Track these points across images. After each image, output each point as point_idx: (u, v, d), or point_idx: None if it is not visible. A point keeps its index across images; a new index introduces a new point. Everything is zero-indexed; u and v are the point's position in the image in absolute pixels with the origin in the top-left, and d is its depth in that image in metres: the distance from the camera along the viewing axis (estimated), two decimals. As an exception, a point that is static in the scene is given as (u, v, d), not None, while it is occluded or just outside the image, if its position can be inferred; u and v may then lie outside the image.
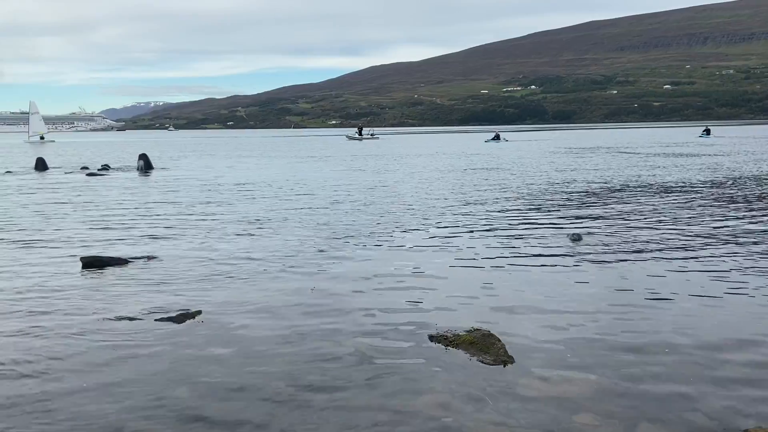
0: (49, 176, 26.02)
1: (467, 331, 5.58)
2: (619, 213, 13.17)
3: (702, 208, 13.75)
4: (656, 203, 14.67)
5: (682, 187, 18.31)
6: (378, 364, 5.07)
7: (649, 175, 22.18)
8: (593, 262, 8.61)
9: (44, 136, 79.88)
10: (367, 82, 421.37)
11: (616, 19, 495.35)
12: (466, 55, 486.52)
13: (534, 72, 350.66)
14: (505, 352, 5.20)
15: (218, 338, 5.70)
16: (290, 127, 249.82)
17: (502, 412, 4.24)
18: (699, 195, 16.18)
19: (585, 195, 16.66)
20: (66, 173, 27.36)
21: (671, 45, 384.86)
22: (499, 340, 5.36)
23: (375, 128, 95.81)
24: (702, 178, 20.67)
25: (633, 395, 4.48)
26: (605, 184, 19.33)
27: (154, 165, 29.70)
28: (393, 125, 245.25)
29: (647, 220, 12.17)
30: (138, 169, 28.10)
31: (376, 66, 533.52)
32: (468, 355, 5.22)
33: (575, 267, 8.34)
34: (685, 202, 14.70)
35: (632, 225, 11.59)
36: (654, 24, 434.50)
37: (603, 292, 7.08)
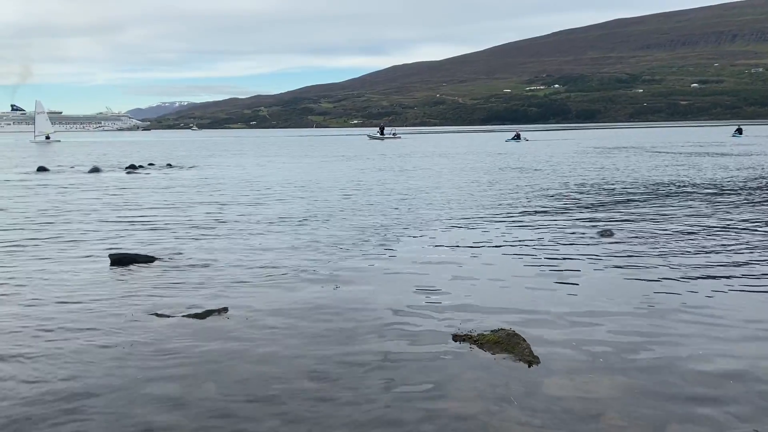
0: (77, 175, 26.47)
1: (492, 331, 5.56)
2: (653, 211, 12.97)
3: (744, 208, 13.45)
4: (693, 203, 14.37)
5: (721, 187, 17.92)
6: (402, 363, 5.07)
7: (685, 175, 21.77)
8: (623, 260, 8.50)
9: (50, 135, 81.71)
10: (389, 81, 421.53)
11: (642, 16, 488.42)
12: (488, 54, 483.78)
13: (558, 71, 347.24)
14: (531, 352, 5.16)
15: (244, 336, 5.75)
16: (312, 127, 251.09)
17: (527, 413, 4.22)
18: (738, 196, 15.81)
19: (619, 194, 16.45)
20: (94, 172, 27.80)
21: (699, 43, 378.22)
22: (524, 340, 5.32)
23: (397, 128, 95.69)
24: (742, 179, 20.15)
25: (661, 396, 4.43)
26: (642, 184, 19.05)
27: (183, 164, 31.94)
28: (414, 125, 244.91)
29: (682, 219, 11.96)
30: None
31: (398, 65, 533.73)
32: (492, 354, 5.19)
33: (604, 265, 8.25)
34: (724, 203, 14.38)
35: (666, 223, 11.41)
36: (681, 21, 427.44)
37: (631, 291, 6.99)
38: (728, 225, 11.31)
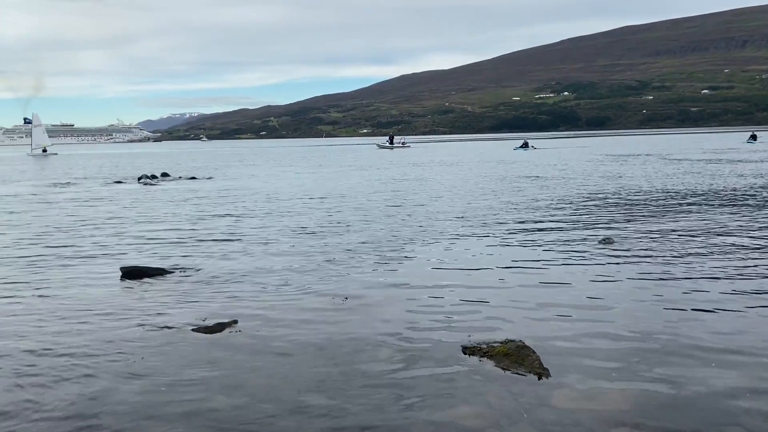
0: (93, 187, 26.73)
1: (501, 343, 5.54)
2: (672, 221, 12.84)
3: (760, 215, 13.30)
4: (719, 213, 14.23)
5: (741, 194, 17.73)
6: (411, 375, 5.07)
7: (710, 184, 21.54)
8: (634, 271, 8.44)
9: (47, 148, 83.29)
10: (398, 90, 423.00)
11: (651, 23, 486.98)
12: (497, 62, 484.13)
13: (567, 78, 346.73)
14: (540, 364, 5.14)
15: (254, 348, 5.77)
16: (322, 137, 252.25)
17: (537, 426, 4.20)
18: (755, 203, 15.65)
19: (635, 204, 16.36)
20: (108, 184, 28.10)
21: (709, 49, 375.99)
22: (534, 352, 5.30)
23: (406, 136, 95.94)
24: (760, 186, 19.92)
25: (672, 408, 4.39)
26: (662, 192, 18.93)
27: (197, 175, 32.94)
28: (424, 133, 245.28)
29: (705, 230, 11.80)
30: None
31: (406, 74, 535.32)
32: (502, 367, 5.18)
33: (615, 277, 8.19)
34: (745, 211, 14.20)
35: (681, 232, 11.32)
36: (691, 28, 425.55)
37: (640, 302, 6.95)
38: (746, 233, 11.21)
